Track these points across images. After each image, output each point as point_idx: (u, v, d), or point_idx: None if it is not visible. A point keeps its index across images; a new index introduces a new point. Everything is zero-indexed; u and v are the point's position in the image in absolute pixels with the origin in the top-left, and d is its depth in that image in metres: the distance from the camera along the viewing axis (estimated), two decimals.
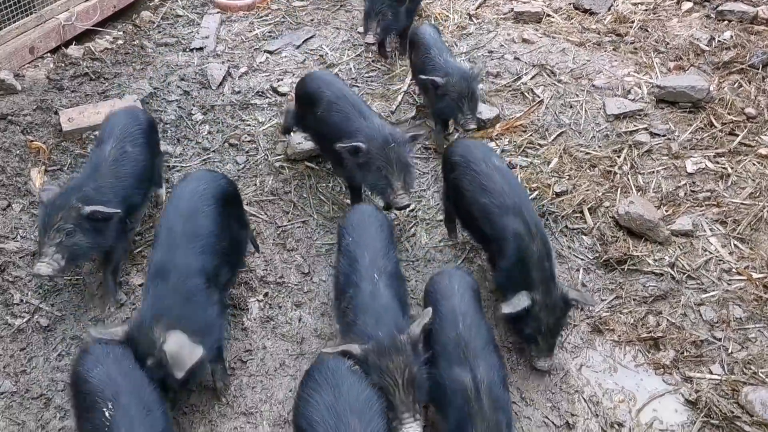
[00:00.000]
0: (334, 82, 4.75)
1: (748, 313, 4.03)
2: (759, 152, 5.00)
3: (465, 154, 4.14)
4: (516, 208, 3.80)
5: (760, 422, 3.50)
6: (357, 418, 2.73)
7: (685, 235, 4.48)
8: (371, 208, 4.00)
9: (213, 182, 3.89)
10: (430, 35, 5.29)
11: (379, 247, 3.63)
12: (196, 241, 3.56)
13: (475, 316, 3.38)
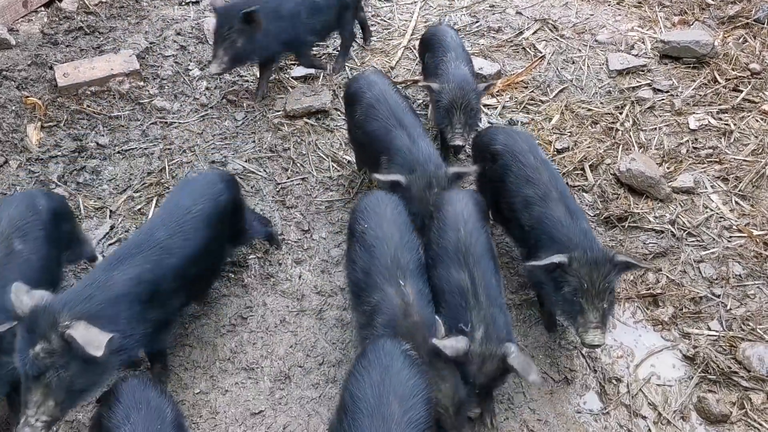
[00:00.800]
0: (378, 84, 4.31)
1: (747, 270, 4.04)
2: (762, 108, 4.95)
3: (509, 143, 3.86)
4: (559, 197, 3.57)
5: (757, 377, 3.54)
6: (398, 402, 2.69)
7: (686, 192, 4.46)
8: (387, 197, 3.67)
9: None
10: (451, 38, 4.76)
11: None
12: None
13: (476, 224, 3.52)
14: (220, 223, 3.56)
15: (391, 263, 3.26)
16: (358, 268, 3.36)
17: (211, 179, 3.69)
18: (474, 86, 4.37)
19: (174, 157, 4.71)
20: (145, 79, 5.23)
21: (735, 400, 3.49)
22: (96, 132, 4.83)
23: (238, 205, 3.79)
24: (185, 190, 3.62)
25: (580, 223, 3.49)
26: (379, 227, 3.41)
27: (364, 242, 3.39)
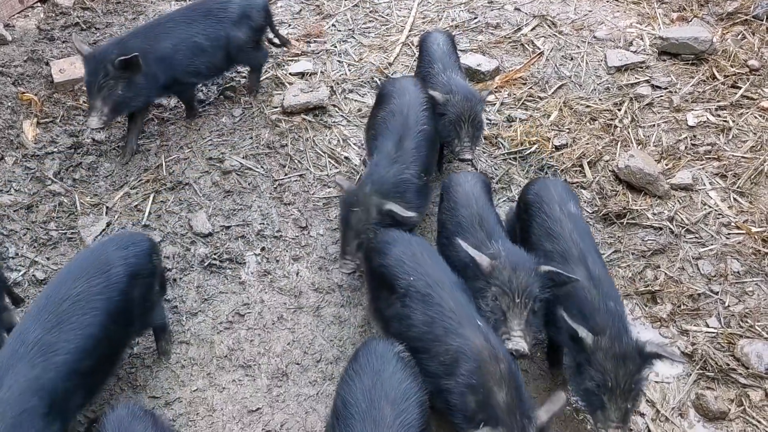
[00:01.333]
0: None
1: (745, 267, 4.03)
2: (761, 105, 4.94)
3: (539, 192, 3.66)
4: (581, 257, 3.33)
5: (755, 374, 3.53)
6: (390, 407, 2.66)
7: (684, 188, 4.45)
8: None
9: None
10: (438, 46, 4.60)
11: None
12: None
13: (486, 201, 3.67)
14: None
15: (456, 305, 3.09)
16: (417, 322, 3.12)
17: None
18: (479, 98, 4.26)
19: (171, 154, 4.69)
20: None
21: (733, 397, 3.49)
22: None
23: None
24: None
25: (607, 295, 3.21)
26: (427, 275, 3.22)
27: (415, 293, 3.17)
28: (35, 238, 4.15)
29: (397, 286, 3.23)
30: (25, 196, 4.37)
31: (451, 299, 3.10)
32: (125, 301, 3.07)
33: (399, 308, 3.21)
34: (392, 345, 2.94)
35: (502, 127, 4.89)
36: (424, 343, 3.05)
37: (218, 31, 4.69)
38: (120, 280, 3.05)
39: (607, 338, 3.03)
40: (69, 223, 4.25)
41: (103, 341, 2.95)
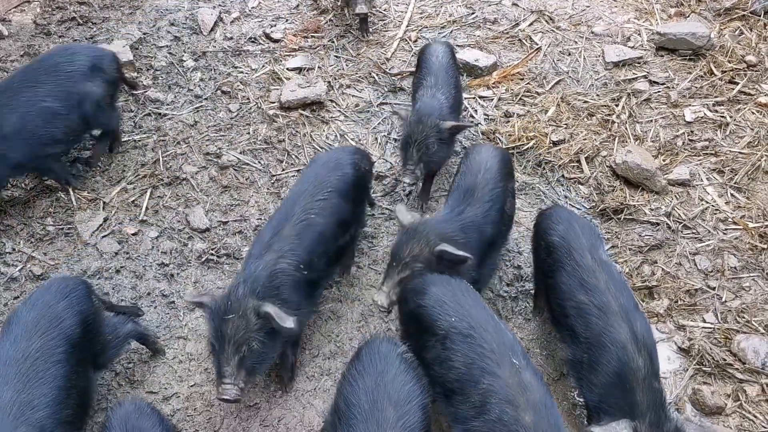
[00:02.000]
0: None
1: (742, 263, 4.04)
2: (758, 101, 4.94)
3: (567, 236, 3.37)
4: (622, 313, 3.09)
5: (751, 369, 3.54)
6: (393, 408, 2.63)
7: (682, 184, 4.45)
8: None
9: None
10: (436, 58, 4.51)
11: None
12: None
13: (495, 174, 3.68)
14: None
15: (497, 346, 2.88)
16: (459, 364, 2.91)
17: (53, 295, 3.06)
18: (436, 122, 4.04)
19: (168, 149, 4.68)
20: (138, 69, 5.19)
21: (730, 392, 3.50)
22: None
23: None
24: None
25: (651, 371, 2.96)
26: (468, 316, 3.01)
27: (458, 335, 2.95)
28: (32, 234, 4.15)
29: (436, 329, 3.02)
30: (21, 191, 4.36)
31: (493, 340, 2.92)
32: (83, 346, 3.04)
33: (434, 352, 3.02)
34: (395, 345, 2.91)
35: (499, 123, 4.89)
36: (461, 385, 2.91)
37: (69, 88, 4.16)
38: (74, 330, 3.00)
39: (647, 425, 2.83)
40: (66, 219, 4.24)
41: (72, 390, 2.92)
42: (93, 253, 4.09)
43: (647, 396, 2.88)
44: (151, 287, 3.95)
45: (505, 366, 2.81)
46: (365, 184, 3.93)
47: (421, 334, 3.08)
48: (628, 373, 2.92)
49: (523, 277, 4.03)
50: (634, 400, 2.87)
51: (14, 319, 2.94)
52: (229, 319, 3.01)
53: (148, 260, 4.09)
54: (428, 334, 3.03)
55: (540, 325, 3.82)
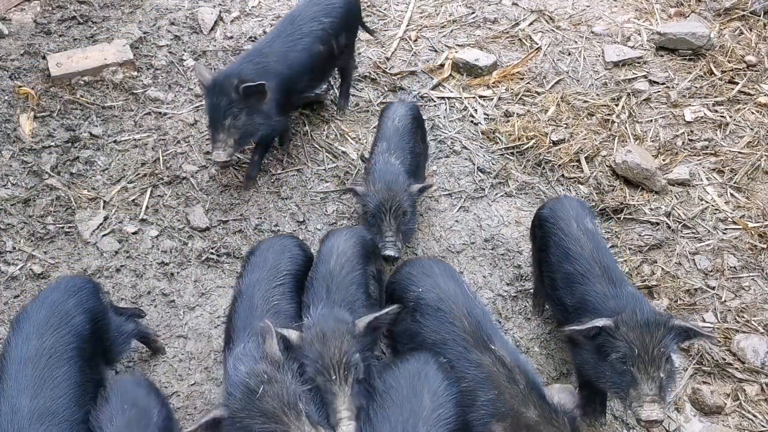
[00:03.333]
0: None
1: (742, 262, 4.04)
2: (758, 101, 4.95)
3: (555, 208, 3.54)
4: (607, 276, 3.19)
5: (751, 369, 3.55)
6: (430, 398, 2.71)
7: (681, 184, 4.46)
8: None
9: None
10: (392, 122, 4.18)
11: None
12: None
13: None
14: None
15: (470, 326, 2.98)
16: (429, 342, 3.02)
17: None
18: (406, 186, 3.81)
19: (168, 148, 4.68)
20: (138, 69, 5.19)
21: (729, 391, 3.51)
22: (89, 122, 4.79)
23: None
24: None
25: (625, 288, 3.13)
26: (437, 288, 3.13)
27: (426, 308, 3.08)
28: (32, 232, 4.15)
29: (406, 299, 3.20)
30: (22, 190, 4.36)
31: (465, 319, 3.01)
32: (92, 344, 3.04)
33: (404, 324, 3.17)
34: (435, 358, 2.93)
35: (499, 122, 4.89)
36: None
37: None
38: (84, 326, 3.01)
39: (628, 311, 2.93)
40: (66, 218, 4.24)
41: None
42: (93, 252, 4.09)
43: (624, 299, 3.06)
44: (151, 286, 3.95)
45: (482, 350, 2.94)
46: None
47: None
48: (607, 303, 3.07)
49: (522, 276, 4.03)
50: (615, 305, 3.04)
51: (24, 317, 2.94)
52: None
53: (149, 259, 4.09)
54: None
55: (540, 325, 3.82)
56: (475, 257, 4.14)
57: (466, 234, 4.25)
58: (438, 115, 4.97)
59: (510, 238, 4.24)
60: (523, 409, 2.77)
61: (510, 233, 4.26)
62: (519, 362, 2.93)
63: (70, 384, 2.79)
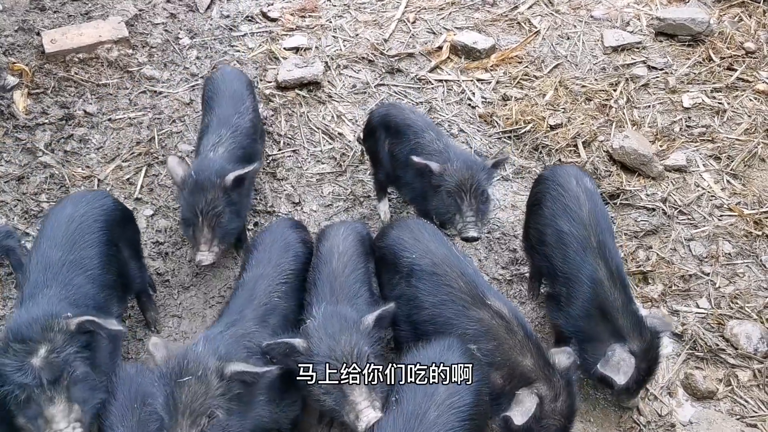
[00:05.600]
0: None
1: (737, 249, 4.05)
2: (756, 88, 4.94)
3: (555, 170, 3.61)
4: (599, 247, 3.25)
5: (744, 355, 3.56)
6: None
7: (678, 170, 4.45)
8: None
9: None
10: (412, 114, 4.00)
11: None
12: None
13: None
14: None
15: (466, 285, 3.06)
16: (429, 305, 3.09)
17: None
18: (483, 165, 3.65)
19: (163, 127, 4.65)
20: (134, 46, 5.13)
21: (722, 377, 3.52)
22: (84, 100, 4.75)
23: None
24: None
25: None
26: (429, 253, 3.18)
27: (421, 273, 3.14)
28: (26, 210, 4.12)
29: (400, 265, 3.21)
30: (15, 167, 4.33)
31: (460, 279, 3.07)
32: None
33: (398, 290, 3.20)
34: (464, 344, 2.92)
35: (497, 106, 4.87)
36: (436, 328, 3.04)
37: None
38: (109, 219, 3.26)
39: (636, 342, 3.15)
40: (60, 195, 4.21)
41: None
42: None
43: (628, 320, 3.15)
44: (148, 264, 3.93)
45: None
46: None
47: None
48: (606, 305, 3.17)
49: (518, 260, 4.03)
50: (617, 326, 3.14)
51: (51, 216, 3.19)
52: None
53: (143, 238, 4.05)
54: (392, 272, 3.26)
55: (535, 309, 3.83)
56: None
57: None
58: (435, 97, 4.94)
59: (506, 222, 4.23)
60: (519, 358, 2.91)
61: (506, 217, 4.25)
62: (516, 315, 3.03)
63: (98, 251, 3.08)
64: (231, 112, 3.87)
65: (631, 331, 3.13)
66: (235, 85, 4.06)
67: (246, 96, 4.04)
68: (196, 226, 3.48)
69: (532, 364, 2.90)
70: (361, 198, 4.34)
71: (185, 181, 3.51)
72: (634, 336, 3.12)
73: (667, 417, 3.40)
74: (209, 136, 3.76)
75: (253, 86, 4.23)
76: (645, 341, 3.13)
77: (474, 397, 2.72)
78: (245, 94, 4.04)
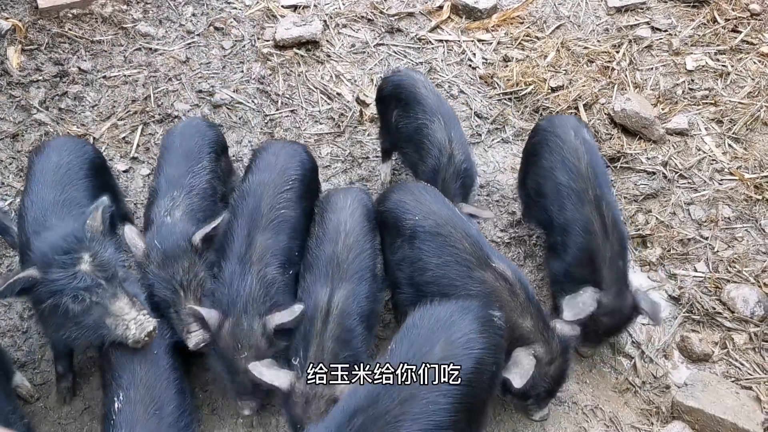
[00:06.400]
0: None
1: (736, 213, 4.03)
2: (761, 51, 4.86)
3: (553, 120, 3.67)
4: (596, 200, 3.29)
5: (740, 318, 3.57)
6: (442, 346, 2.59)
7: (679, 133, 4.41)
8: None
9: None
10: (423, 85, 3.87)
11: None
12: None
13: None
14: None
15: (471, 246, 3.05)
16: (432, 266, 3.07)
17: None
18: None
19: (159, 85, 4.58)
20: (128, 2, 5.03)
21: (717, 340, 3.53)
22: (78, 57, 4.67)
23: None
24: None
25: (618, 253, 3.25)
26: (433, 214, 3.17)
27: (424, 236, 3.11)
28: (21, 168, 4.07)
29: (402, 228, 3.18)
30: (10, 124, 4.27)
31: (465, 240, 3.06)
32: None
33: (401, 253, 3.18)
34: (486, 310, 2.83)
35: (498, 67, 4.80)
36: (442, 288, 3.00)
37: None
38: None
39: (611, 295, 3.20)
40: None
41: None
42: None
43: (613, 272, 3.20)
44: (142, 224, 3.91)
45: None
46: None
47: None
48: (596, 254, 3.21)
49: (516, 223, 4.01)
50: (600, 275, 3.19)
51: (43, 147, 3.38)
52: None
53: (140, 198, 4.04)
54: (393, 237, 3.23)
55: (533, 271, 3.82)
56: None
57: None
58: (435, 58, 4.87)
59: (505, 184, 4.20)
60: (520, 321, 2.93)
61: (506, 180, 4.22)
62: (520, 277, 3.03)
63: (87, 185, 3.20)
64: (183, 171, 3.37)
65: (611, 283, 3.18)
66: (192, 141, 3.53)
67: (204, 154, 3.50)
68: (178, 304, 3.04)
69: (531, 326, 2.92)
70: (359, 159, 4.30)
71: (149, 255, 3.07)
72: (610, 289, 3.18)
73: (662, 379, 3.42)
74: (160, 201, 3.26)
75: (220, 140, 3.70)
76: (621, 300, 3.20)
77: (474, 366, 2.58)
78: (203, 152, 3.50)
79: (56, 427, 3.20)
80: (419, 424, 2.37)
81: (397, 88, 3.85)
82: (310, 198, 3.45)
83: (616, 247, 3.23)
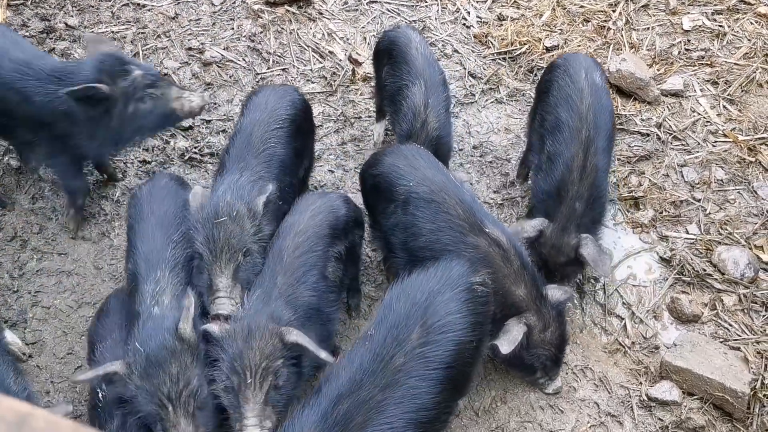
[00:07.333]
0: None
1: (729, 175, 4.03)
2: (758, 11, 4.81)
3: (569, 58, 3.64)
4: (587, 142, 3.34)
5: (730, 280, 3.59)
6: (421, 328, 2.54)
7: (675, 95, 4.38)
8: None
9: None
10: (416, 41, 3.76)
11: None
12: None
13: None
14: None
15: (464, 212, 3.01)
16: (426, 231, 3.03)
17: None
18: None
19: (148, 42, 4.50)
20: None
21: (707, 301, 3.56)
22: (65, 12, 4.57)
23: None
24: None
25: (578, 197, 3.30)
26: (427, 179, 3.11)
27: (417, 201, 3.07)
28: None
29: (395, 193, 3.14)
30: None
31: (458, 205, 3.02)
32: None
33: (394, 218, 3.15)
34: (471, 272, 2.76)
35: (492, 26, 4.73)
36: (435, 253, 2.94)
37: None
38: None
39: (556, 228, 3.30)
40: None
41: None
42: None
43: (568, 211, 3.28)
44: (132, 184, 3.88)
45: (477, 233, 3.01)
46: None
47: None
48: (563, 190, 3.30)
49: (509, 184, 4.00)
50: (558, 210, 3.30)
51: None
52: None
53: (129, 157, 4.00)
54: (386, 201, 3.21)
55: None
56: (463, 164, 4.09)
57: (455, 140, 4.17)
58: (429, 16, 4.79)
59: (499, 145, 4.18)
60: (513, 288, 2.92)
61: (499, 141, 4.20)
62: (515, 244, 3.00)
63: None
64: (162, 244, 2.91)
65: (560, 220, 3.28)
66: (164, 205, 3.07)
67: (182, 220, 3.01)
68: (166, 420, 2.53)
69: (524, 294, 2.91)
70: (351, 119, 4.26)
71: (131, 366, 2.55)
72: (556, 225, 3.27)
73: (651, 339, 3.45)
74: (144, 286, 2.78)
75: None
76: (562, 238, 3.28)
77: (456, 351, 2.54)
78: (180, 217, 3.02)
79: (48, 386, 3.22)
80: (402, 408, 2.38)
81: (391, 44, 3.79)
82: (303, 138, 3.46)
83: (582, 190, 3.28)
